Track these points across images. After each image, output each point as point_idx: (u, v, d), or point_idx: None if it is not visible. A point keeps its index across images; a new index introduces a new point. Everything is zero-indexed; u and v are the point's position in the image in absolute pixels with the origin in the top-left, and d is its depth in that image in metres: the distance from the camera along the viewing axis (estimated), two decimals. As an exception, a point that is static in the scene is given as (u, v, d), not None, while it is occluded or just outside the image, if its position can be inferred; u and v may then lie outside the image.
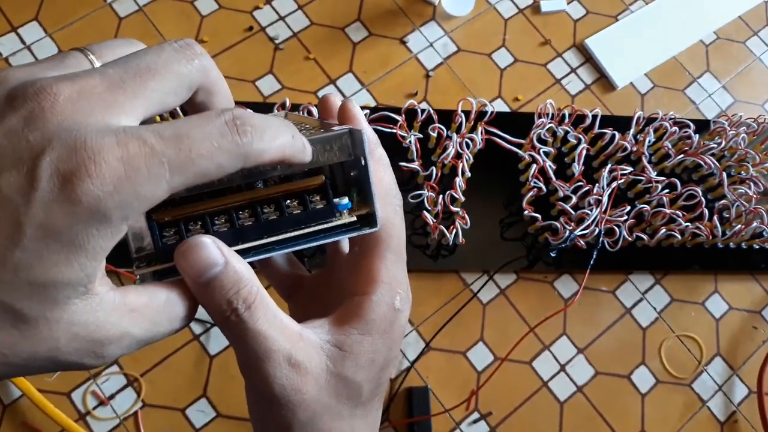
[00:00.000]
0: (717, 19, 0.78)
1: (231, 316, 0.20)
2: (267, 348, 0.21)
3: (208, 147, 0.17)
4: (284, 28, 0.70)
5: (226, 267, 0.20)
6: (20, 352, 0.17)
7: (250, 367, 0.21)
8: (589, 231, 0.60)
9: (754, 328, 0.66)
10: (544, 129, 0.64)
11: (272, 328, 0.21)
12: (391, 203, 0.24)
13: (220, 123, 0.18)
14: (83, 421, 0.54)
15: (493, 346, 0.61)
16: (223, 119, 0.18)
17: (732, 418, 0.62)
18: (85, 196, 0.16)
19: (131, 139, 0.16)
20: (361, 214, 0.23)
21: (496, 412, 0.59)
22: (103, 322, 0.18)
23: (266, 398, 0.21)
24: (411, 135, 0.61)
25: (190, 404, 0.56)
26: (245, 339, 0.20)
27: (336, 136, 0.22)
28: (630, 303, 0.64)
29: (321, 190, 0.23)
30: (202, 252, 0.20)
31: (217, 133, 0.17)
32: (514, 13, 0.74)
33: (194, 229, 0.21)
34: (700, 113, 0.74)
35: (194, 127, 0.17)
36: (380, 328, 0.23)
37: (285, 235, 0.23)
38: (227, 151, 0.18)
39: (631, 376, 0.62)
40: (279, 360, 0.21)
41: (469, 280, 0.62)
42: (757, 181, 0.66)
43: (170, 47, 0.19)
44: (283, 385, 0.21)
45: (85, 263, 0.17)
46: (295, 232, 0.23)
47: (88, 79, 0.17)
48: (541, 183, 0.62)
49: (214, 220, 0.22)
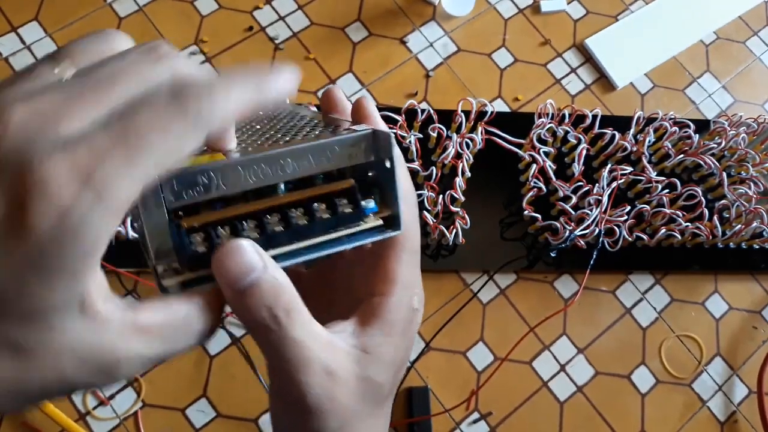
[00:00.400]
0: (717, 19, 0.78)
1: (271, 324, 0.19)
2: (305, 357, 0.20)
3: (158, 133, 0.16)
4: (284, 28, 0.70)
5: (266, 273, 0.19)
6: (30, 381, 0.16)
7: (285, 375, 0.20)
8: (589, 231, 0.60)
9: (754, 328, 0.66)
10: (544, 129, 0.64)
11: (309, 337, 0.20)
12: (410, 203, 0.24)
13: (163, 101, 0.16)
14: (83, 421, 0.54)
15: (493, 346, 0.61)
16: (164, 97, 0.17)
17: (732, 418, 0.62)
18: (41, 220, 0.15)
19: (79, 147, 0.15)
20: (385, 216, 0.23)
21: (496, 412, 0.59)
22: (111, 345, 0.17)
23: (298, 406, 0.21)
24: (411, 135, 0.61)
25: (190, 404, 0.56)
26: (283, 348, 0.20)
27: (361, 137, 0.22)
28: (630, 303, 0.64)
29: (348, 194, 0.23)
30: (241, 256, 0.19)
31: (163, 113, 0.16)
32: (514, 13, 0.74)
33: (223, 235, 0.20)
34: (700, 113, 0.74)
35: (138, 113, 0.16)
36: (401, 329, 0.23)
37: (314, 240, 0.22)
38: (181, 129, 0.16)
39: (631, 376, 0.62)
40: (316, 369, 0.20)
41: (469, 280, 0.62)
42: (757, 181, 0.66)
43: (134, 51, 0.18)
44: (318, 395, 0.21)
45: (69, 284, 0.16)
46: (324, 237, 0.22)
47: (45, 95, 0.16)
48: (541, 183, 0.62)
49: (243, 225, 0.21)
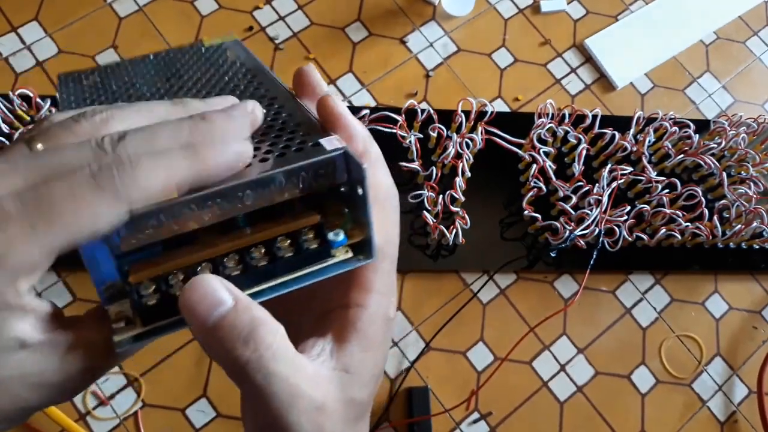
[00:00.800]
0: (717, 19, 0.78)
1: (251, 360, 0.18)
2: (293, 395, 0.19)
3: (69, 204, 0.16)
4: (284, 28, 0.70)
5: (237, 305, 0.18)
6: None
7: (271, 415, 0.19)
8: (589, 231, 0.60)
9: (754, 328, 0.66)
10: (544, 129, 0.64)
11: (295, 372, 0.19)
12: (389, 207, 0.23)
13: (80, 175, 0.16)
14: (83, 421, 0.54)
15: (493, 346, 0.61)
16: (84, 171, 0.16)
17: (732, 418, 0.62)
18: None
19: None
20: (356, 242, 0.21)
21: (496, 412, 0.59)
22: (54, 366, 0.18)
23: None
24: (411, 135, 0.61)
25: (190, 404, 0.56)
26: (268, 386, 0.19)
27: (328, 160, 0.19)
28: (630, 303, 0.64)
29: (314, 227, 0.21)
30: (206, 290, 0.18)
31: (77, 186, 0.16)
32: (514, 13, 0.74)
33: (176, 283, 0.19)
34: (700, 113, 0.74)
35: (52, 184, 0.16)
36: (379, 341, 0.22)
37: (277, 280, 0.20)
38: (96, 203, 0.16)
39: (631, 376, 0.62)
40: (306, 407, 0.19)
41: (469, 280, 0.62)
42: (757, 181, 0.66)
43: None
44: (307, 431, 0.19)
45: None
46: (287, 276, 0.21)
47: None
48: (541, 183, 0.62)
49: (197, 272, 0.20)
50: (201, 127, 0.19)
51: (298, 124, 0.21)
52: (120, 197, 0.17)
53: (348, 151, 0.19)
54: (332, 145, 0.20)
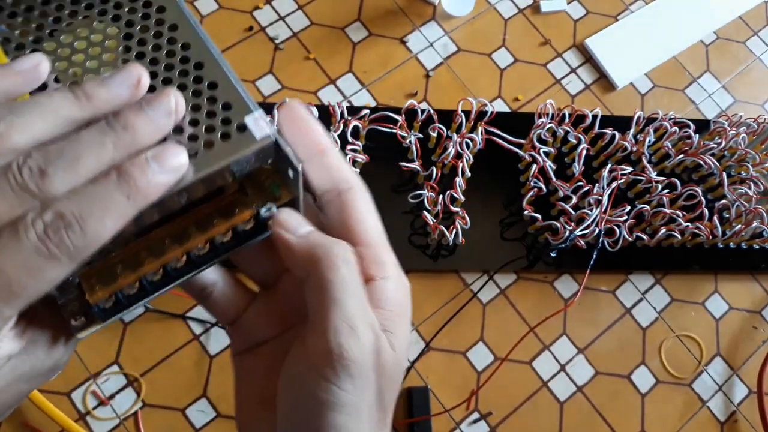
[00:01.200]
0: (717, 19, 0.78)
1: (343, 257, 0.21)
2: (362, 300, 0.21)
3: (25, 276, 0.17)
4: (284, 28, 0.70)
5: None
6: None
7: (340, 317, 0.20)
8: (589, 231, 0.60)
9: (754, 328, 0.66)
10: (544, 129, 0.64)
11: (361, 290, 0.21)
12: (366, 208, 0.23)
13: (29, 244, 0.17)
14: (83, 421, 0.54)
15: (493, 346, 0.61)
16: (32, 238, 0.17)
17: (732, 417, 0.62)
18: None
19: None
20: (285, 202, 0.22)
21: (496, 412, 0.59)
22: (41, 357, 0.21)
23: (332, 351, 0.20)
24: (411, 135, 0.61)
25: (190, 404, 0.56)
26: (351, 285, 0.21)
27: (259, 151, 0.20)
28: (630, 303, 0.64)
29: (240, 200, 0.22)
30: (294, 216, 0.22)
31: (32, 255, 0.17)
32: (514, 13, 0.74)
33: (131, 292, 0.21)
34: (700, 113, 0.74)
35: (4, 260, 0.16)
36: (407, 307, 0.23)
37: (216, 260, 0.23)
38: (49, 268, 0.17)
39: (631, 376, 0.62)
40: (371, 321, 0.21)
41: (469, 280, 0.62)
42: (757, 181, 0.66)
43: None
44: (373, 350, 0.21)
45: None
46: (226, 254, 0.23)
47: None
48: (541, 183, 0.62)
49: (147, 278, 0.21)
50: (125, 140, 0.18)
51: (217, 87, 0.21)
52: (73, 258, 0.17)
53: (278, 140, 0.20)
54: (260, 130, 0.20)
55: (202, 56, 0.22)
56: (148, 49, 0.22)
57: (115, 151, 0.18)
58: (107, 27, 0.22)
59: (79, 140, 0.18)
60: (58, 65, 0.21)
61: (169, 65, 0.21)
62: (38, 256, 0.17)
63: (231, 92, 0.21)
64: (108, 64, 0.21)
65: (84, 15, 0.22)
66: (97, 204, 0.17)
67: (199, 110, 0.21)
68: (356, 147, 0.61)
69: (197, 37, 0.22)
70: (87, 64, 0.21)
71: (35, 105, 0.18)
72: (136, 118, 0.19)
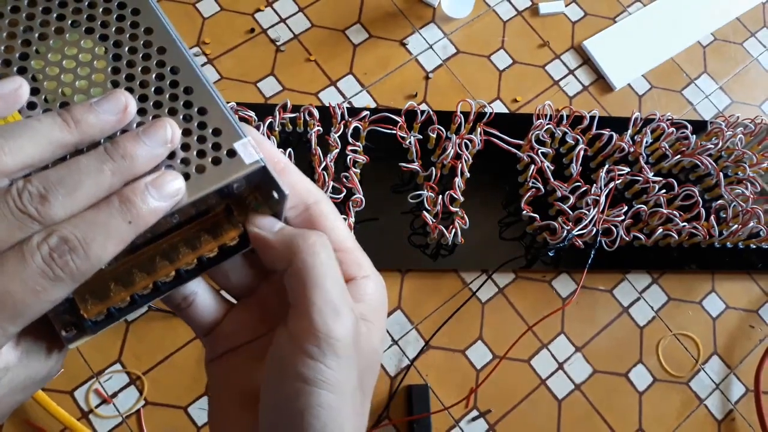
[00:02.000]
0: (714, 21, 0.79)
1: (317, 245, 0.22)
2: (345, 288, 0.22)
3: (30, 296, 0.17)
4: (285, 30, 0.70)
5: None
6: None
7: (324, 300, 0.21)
8: (586, 231, 0.61)
9: (751, 327, 0.66)
10: (542, 130, 0.64)
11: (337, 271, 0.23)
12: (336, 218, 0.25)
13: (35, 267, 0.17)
14: (86, 419, 0.55)
15: (491, 345, 0.61)
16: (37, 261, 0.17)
17: (729, 416, 0.63)
18: None
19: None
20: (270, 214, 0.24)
21: (495, 410, 0.59)
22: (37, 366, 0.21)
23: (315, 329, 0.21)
24: (411, 136, 0.62)
25: (192, 402, 0.56)
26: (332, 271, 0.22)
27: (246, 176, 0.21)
28: (627, 302, 0.65)
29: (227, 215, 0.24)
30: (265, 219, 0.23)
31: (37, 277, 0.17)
32: (513, 15, 0.75)
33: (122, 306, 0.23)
34: (698, 114, 0.74)
35: (9, 281, 0.17)
36: (383, 304, 0.25)
37: (201, 273, 0.24)
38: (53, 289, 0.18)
39: (628, 375, 0.63)
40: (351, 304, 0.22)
41: (468, 280, 0.63)
42: (753, 181, 0.66)
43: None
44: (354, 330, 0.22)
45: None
46: (210, 267, 0.24)
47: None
48: (540, 183, 0.63)
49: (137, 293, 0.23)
50: (123, 167, 0.19)
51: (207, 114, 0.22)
52: (76, 280, 0.18)
53: (266, 166, 0.21)
54: (249, 156, 0.21)
55: (192, 81, 0.22)
56: (138, 72, 0.22)
57: (113, 178, 0.19)
58: (95, 46, 0.22)
59: (78, 167, 0.19)
60: (47, 85, 0.21)
61: (158, 89, 0.22)
62: (43, 278, 0.17)
63: (221, 118, 0.22)
64: (97, 84, 0.22)
65: (70, 33, 0.22)
66: (100, 229, 0.18)
67: (190, 135, 0.21)
68: (356, 148, 0.61)
69: (186, 61, 0.22)
70: (76, 84, 0.21)
71: (26, 128, 0.19)
72: (135, 146, 0.19)
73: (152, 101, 0.22)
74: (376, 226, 0.61)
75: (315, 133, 0.61)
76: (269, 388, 0.22)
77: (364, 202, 0.60)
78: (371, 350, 0.23)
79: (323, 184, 0.59)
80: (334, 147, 0.61)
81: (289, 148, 0.61)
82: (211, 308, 0.26)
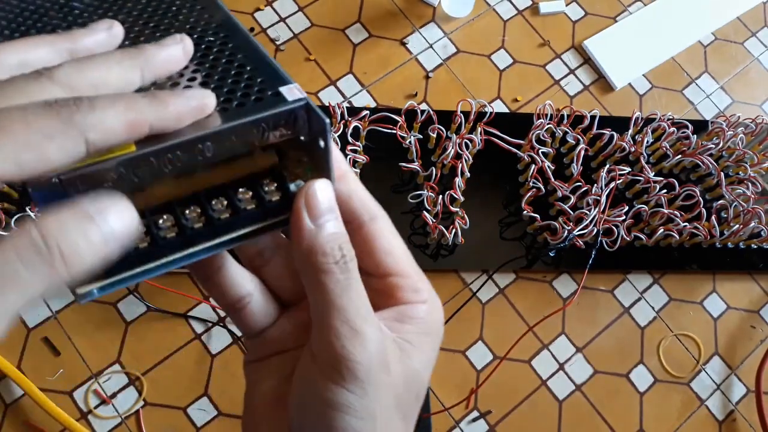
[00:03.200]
0: (715, 20, 0.79)
1: (340, 264, 0.20)
2: (366, 306, 0.20)
3: (21, 126, 0.15)
4: (285, 29, 0.70)
5: (338, 219, 0.20)
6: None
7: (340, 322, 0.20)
8: (587, 231, 0.61)
9: (753, 327, 0.66)
10: (542, 129, 0.64)
11: (363, 293, 0.21)
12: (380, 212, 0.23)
13: (35, 106, 0.16)
14: (85, 420, 0.54)
15: (492, 345, 0.61)
16: (38, 104, 0.16)
17: (730, 417, 0.62)
18: None
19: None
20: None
21: (496, 411, 0.59)
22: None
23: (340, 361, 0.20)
24: (411, 135, 0.62)
25: (192, 403, 0.56)
26: (348, 291, 0.20)
27: (288, 112, 0.19)
28: (628, 302, 0.65)
29: (273, 174, 0.21)
30: (328, 197, 0.20)
31: (38, 110, 0.16)
32: (513, 15, 0.75)
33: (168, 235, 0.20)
34: (699, 114, 0.74)
35: (14, 120, 0.15)
36: (434, 331, 0.23)
37: (240, 232, 0.21)
38: (49, 131, 0.16)
39: (629, 375, 0.62)
40: (373, 323, 0.20)
41: (468, 280, 0.63)
42: (755, 181, 0.66)
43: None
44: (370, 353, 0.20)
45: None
46: (249, 228, 0.21)
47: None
48: (540, 183, 0.63)
49: (158, 224, 0.20)
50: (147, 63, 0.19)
51: (256, 68, 0.21)
52: (77, 126, 0.16)
53: (309, 102, 0.20)
54: (293, 96, 0.20)
55: (246, 42, 0.23)
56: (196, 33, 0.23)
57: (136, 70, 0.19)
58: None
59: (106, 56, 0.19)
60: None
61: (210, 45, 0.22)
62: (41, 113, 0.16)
63: (269, 68, 0.21)
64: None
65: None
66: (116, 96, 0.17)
67: (239, 80, 0.21)
68: (356, 147, 0.61)
69: (237, 28, 0.24)
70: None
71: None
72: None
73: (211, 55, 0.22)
74: (376, 226, 0.61)
75: (315, 133, 0.60)
76: (296, 406, 0.22)
77: (364, 202, 0.59)
78: (410, 373, 0.21)
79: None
80: (334, 147, 0.60)
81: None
82: (264, 312, 0.25)
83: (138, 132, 0.17)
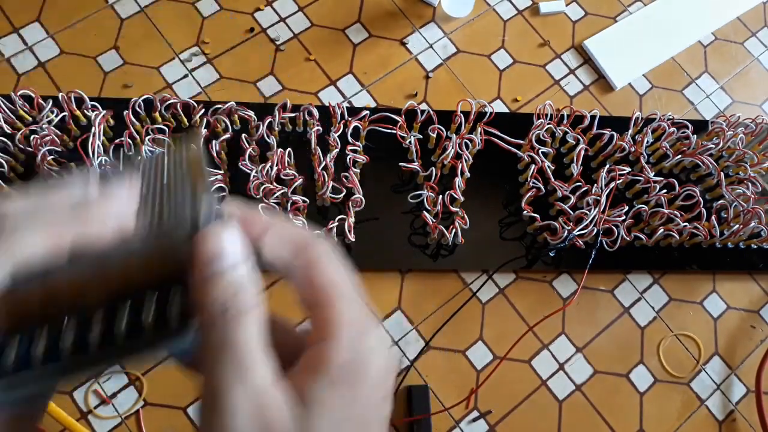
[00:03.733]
0: (715, 21, 0.79)
1: (218, 320, 0.17)
2: (243, 367, 0.17)
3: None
4: (285, 29, 0.70)
5: (235, 268, 0.18)
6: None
7: (212, 389, 0.18)
8: (587, 231, 0.60)
9: (753, 327, 0.66)
10: (542, 129, 0.64)
11: (250, 349, 0.17)
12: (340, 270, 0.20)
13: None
14: (85, 420, 0.54)
15: (492, 345, 0.61)
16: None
17: (730, 416, 0.62)
18: None
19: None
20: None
21: (496, 411, 0.59)
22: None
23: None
24: (411, 135, 0.62)
25: (192, 403, 0.56)
26: (221, 350, 0.18)
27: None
28: (628, 302, 0.65)
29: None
30: (220, 241, 0.18)
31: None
32: (513, 15, 0.75)
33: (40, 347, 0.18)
34: (699, 114, 0.74)
35: None
36: (351, 376, 0.18)
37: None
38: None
39: (629, 375, 0.62)
40: (248, 390, 0.17)
41: (468, 280, 0.63)
42: (754, 181, 0.66)
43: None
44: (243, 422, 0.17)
45: None
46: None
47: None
48: (540, 183, 0.63)
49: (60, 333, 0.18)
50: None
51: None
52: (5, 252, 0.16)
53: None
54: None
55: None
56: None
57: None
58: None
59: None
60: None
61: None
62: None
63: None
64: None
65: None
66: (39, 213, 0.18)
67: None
68: (356, 147, 0.61)
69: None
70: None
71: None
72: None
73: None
74: (376, 226, 0.61)
75: (315, 133, 0.60)
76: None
77: (364, 202, 0.59)
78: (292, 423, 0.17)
79: (323, 184, 0.59)
80: (333, 147, 0.60)
81: (288, 147, 0.60)
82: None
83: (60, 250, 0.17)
